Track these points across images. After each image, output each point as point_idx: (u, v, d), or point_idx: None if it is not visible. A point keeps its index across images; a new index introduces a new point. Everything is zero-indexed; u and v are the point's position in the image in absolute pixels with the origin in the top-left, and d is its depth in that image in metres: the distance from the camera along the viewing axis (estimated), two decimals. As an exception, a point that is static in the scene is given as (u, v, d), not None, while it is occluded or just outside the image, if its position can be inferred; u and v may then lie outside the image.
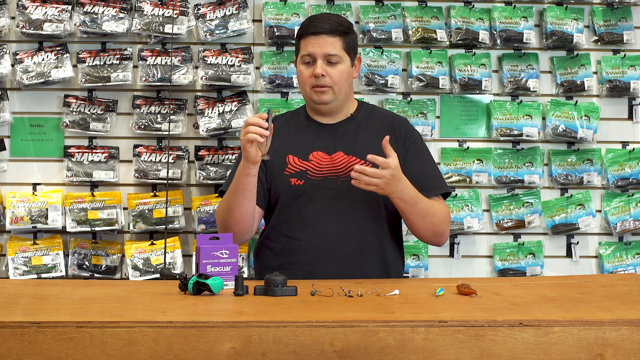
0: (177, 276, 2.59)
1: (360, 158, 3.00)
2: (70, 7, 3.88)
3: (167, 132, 3.89)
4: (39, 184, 3.92)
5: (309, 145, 3.04)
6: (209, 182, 3.91)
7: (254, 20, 4.00)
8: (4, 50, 3.85)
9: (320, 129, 3.07)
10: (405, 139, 3.06)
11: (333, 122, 3.08)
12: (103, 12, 3.88)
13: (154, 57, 3.91)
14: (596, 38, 4.13)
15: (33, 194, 3.88)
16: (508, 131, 4.05)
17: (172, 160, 3.92)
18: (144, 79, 3.89)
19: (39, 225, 3.83)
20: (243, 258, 3.89)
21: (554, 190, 4.12)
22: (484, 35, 4.05)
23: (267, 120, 2.76)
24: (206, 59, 3.91)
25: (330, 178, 3.00)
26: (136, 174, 3.90)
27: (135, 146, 3.93)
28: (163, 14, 3.90)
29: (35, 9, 3.85)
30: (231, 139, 3.97)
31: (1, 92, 3.86)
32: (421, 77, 4.01)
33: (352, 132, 3.06)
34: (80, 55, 3.90)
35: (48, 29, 3.85)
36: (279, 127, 3.01)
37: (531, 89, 4.07)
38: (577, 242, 4.11)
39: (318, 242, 2.97)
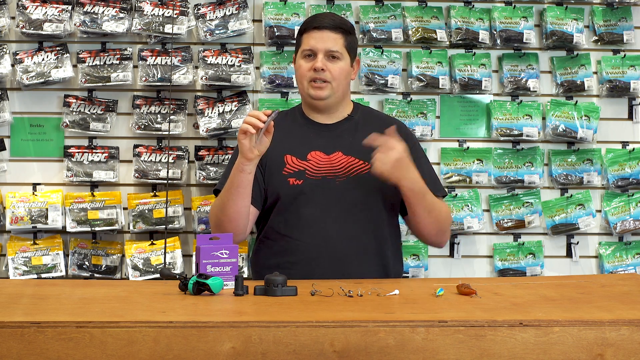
0: (177, 276, 2.59)
1: (359, 159, 3.01)
2: (70, 7, 3.88)
3: (167, 132, 3.89)
4: (39, 184, 3.92)
5: (307, 144, 3.04)
6: (209, 182, 3.91)
7: (254, 20, 4.00)
8: (4, 50, 3.85)
9: (317, 128, 3.08)
10: (406, 143, 3.07)
11: (330, 122, 3.08)
12: (103, 12, 3.88)
13: (154, 57, 3.91)
14: (596, 38, 4.13)
15: (33, 194, 3.88)
16: (508, 131, 4.05)
17: (172, 160, 3.92)
18: (144, 79, 3.89)
19: (39, 225, 3.83)
20: (243, 258, 3.89)
21: (554, 190, 4.12)
22: (484, 35, 4.05)
23: (268, 117, 2.76)
24: (206, 59, 3.91)
25: (329, 178, 3.00)
26: (136, 174, 3.90)
27: (135, 146, 3.93)
28: (163, 14, 3.90)
29: (35, 9, 3.85)
30: (231, 139, 3.97)
31: (1, 92, 3.86)
32: (421, 77, 4.01)
33: (350, 132, 3.07)
34: (80, 55, 3.90)
35: (48, 29, 3.85)
36: (275, 125, 3.01)
37: (531, 89, 4.07)
38: (577, 242, 4.11)
39: (316, 242, 2.97)
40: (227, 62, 3.92)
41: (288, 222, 3.00)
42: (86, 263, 3.88)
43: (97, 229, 3.88)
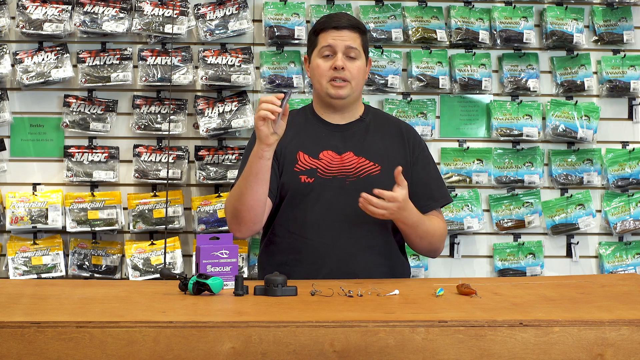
0: (177, 276, 2.59)
1: (369, 160, 3.02)
2: (70, 7, 3.88)
3: (167, 132, 3.89)
4: (39, 184, 3.92)
5: (320, 143, 3.04)
6: (209, 182, 3.91)
7: (254, 20, 4.00)
8: (4, 50, 3.85)
9: (330, 128, 3.08)
10: (414, 147, 3.10)
11: (343, 123, 3.09)
12: (103, 12, 3.88)
13: (154, 57, 3.91)
14: (596, 38, 4.13)
15: (33, 194, 3.88)
16: (508, 131, 4.05)
17: (172, 160, 3.92)
18: (144, 79, 3.89)
19: (39, 225, 3.83)
20: (243, 258, 3.89)
21: (554, 190, 4.12)
22: (484, 35, 4.05)
23: (283, 100, 2.76)
24: (206, 59, 3.91)
25: (339, 177, 3.00)
26: (136, 174, 3.90)
27: (135, 146, 3.93)
28: (163, 14, 3.90)
29: (35, 9, 3.85)
30: (231, 139, 3.97)
31: (1, 92, 3.86)
32: (421, 77, 4.01)
33: (361, 133, 3.07)
34: (80, 55, 3.90)
35: (48, 29, 3.85)
36: (288, 122, 2.97)
37: (531, 89, 4.07)
38: (577, 242, 4.11)
39: (324, 240, 2.97)
40: (227, 62, 3.92)
41: (297, 220, 3.00)
42: (86, 263, 3.88)
43: (97, 229, 3.88)
